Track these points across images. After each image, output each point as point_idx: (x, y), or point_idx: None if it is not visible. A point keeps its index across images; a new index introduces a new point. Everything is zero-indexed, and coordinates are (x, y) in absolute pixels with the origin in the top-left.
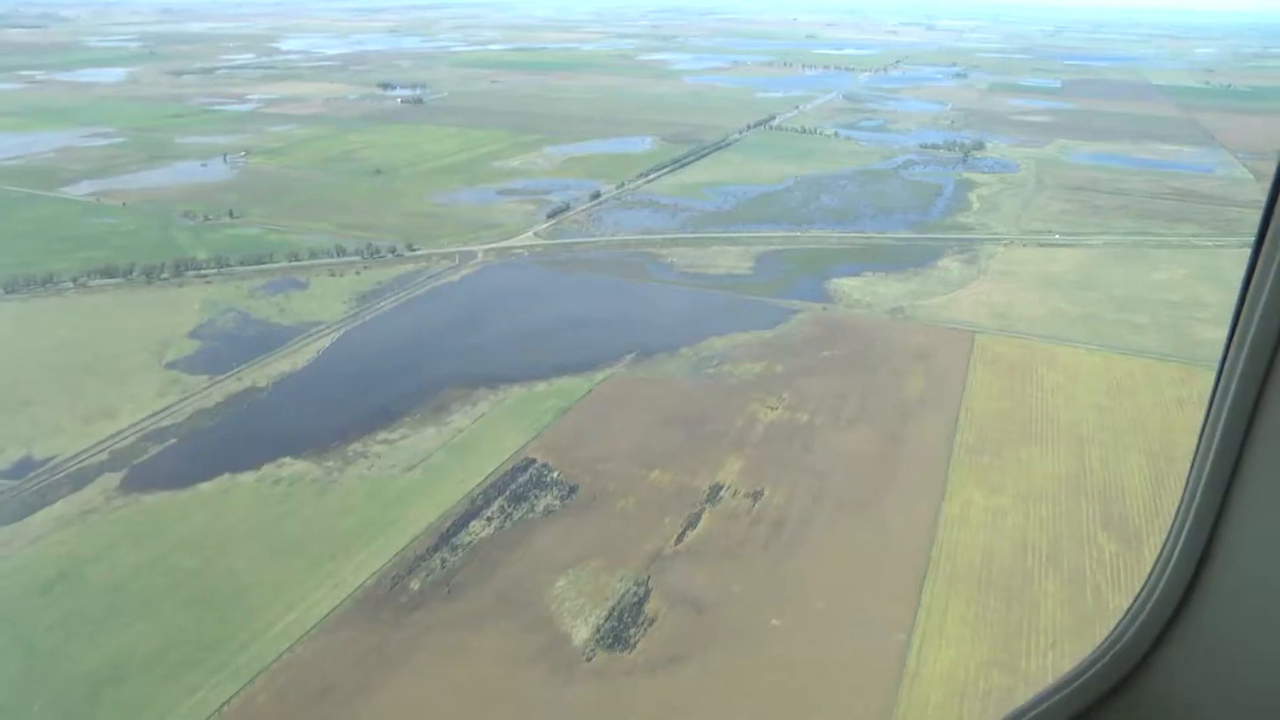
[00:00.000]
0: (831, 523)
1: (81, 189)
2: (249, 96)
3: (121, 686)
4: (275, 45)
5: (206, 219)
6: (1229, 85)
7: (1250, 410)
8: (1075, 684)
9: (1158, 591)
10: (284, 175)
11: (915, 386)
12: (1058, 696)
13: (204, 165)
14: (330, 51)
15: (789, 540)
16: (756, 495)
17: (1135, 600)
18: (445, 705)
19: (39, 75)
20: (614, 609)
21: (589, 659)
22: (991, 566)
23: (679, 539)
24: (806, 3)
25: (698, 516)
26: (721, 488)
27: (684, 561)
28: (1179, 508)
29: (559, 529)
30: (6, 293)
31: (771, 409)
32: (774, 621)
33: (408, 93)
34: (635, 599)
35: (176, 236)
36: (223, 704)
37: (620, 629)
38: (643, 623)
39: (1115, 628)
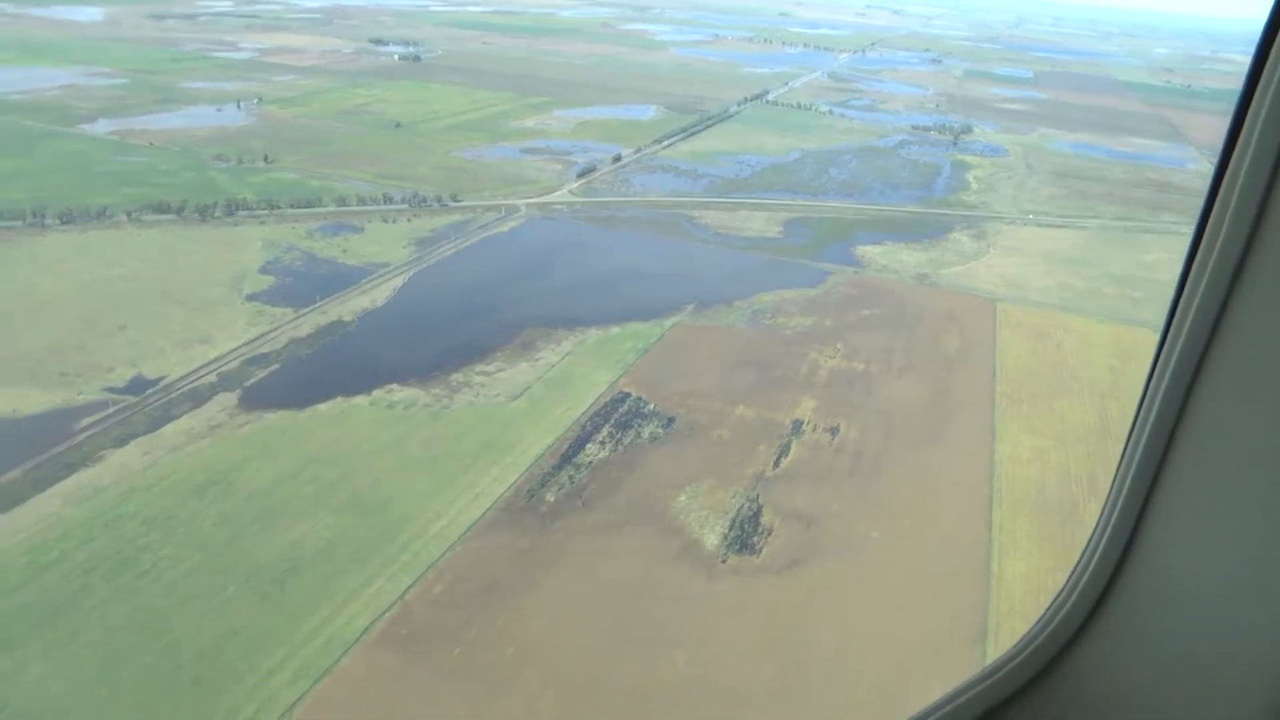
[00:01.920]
0: (903, 456)
1: (101, 127)
2: (241, 45)
3: (302, 576)
4: None
5: (240, 162)
6: (1188, 85)
7: (1178, 406)
8: (994, 678)
9: (1080, 585)
10: (303, 124)
11: (951, 344)
12: (974, 690)
13: (219, 110)
14: (310, 4)
15: (869, 469)
16: (834, 430)
17: (1057, 596)
18: (605, 597)
19: (9, 9)
20: (734, 520)
21: (724, 560)
22: (1045, 494)
23: (775, 464)
24: None
25: (787, 446)
26: (802, 423)
27: (784, 483)
28: (1106, 500)
29: (667, 453)
30: (63, 224)
31: (830, 358)
32: (873, 534)
33: (403, 50)
34: (751, 512)
35: (215, 178)
36: (402, 593)
37: (744, 537)
38: (762, 532)
39: (1038, 620)
